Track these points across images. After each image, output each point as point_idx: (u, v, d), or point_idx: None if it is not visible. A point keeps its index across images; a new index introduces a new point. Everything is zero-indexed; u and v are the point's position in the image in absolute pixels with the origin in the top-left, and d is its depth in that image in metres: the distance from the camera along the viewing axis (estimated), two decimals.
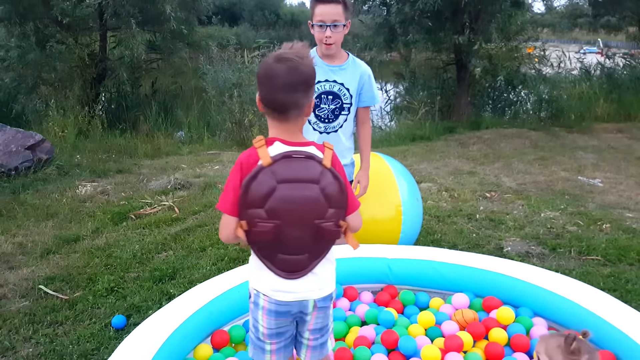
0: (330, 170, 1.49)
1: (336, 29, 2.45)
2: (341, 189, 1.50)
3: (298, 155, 1.46)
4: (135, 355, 1.83)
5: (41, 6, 8.26)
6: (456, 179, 5.45)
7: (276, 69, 1.43)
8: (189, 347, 2.07)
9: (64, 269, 3.21)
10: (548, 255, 3.48)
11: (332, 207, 1.48)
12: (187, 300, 2.20)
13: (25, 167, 5.12)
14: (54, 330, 2.55)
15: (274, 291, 1.52)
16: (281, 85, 1.43)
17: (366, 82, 2.64)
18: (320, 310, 1.58)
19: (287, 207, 1.45)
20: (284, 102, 1.45)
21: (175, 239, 3.69)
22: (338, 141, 2.64)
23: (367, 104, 2.69)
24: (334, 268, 1.61)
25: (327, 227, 1.48)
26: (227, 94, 7.53)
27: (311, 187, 1.46)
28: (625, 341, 2.03)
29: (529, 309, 2.38)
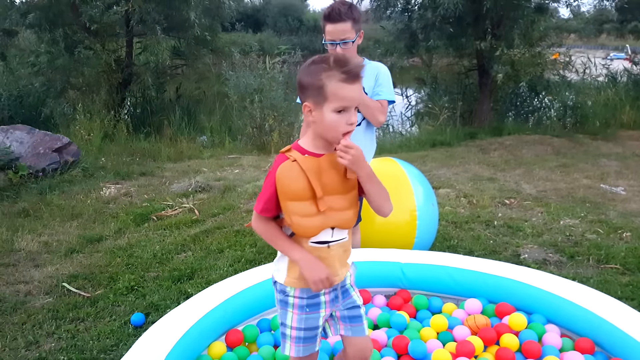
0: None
1: (346, 45, 2.51)
2: None
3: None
4: (152, 351, 1.90)
5: (70, 13, 8.51)
6: (475, 185, 5.42)
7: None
8: (204, 344, 2.12)
9: (87, 268, 3.32)
10: (566, 263, 3.44)
11: None
12: (203, 299, 2.26)
13: (52, 169, 5.29)
14: (76, 326, 2.65)
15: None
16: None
17: (380, 77, 2.66)
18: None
19: None
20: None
21: (195, 240, 3.77)
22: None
23: (380, 97, 2.69)
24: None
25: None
26: (248, 99, 7.62)
27: None
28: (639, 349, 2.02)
29: (542, 315, 2.37)
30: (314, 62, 1.55)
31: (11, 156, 5.09)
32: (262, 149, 7.64)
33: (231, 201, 4.74)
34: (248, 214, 4.42)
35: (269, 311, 2.43)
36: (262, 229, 1.62)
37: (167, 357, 1.87)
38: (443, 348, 2.17)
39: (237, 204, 4.65)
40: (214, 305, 2.20)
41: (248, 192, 5.05)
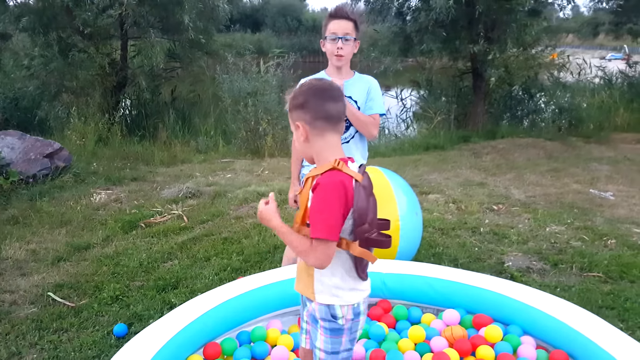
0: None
1: (347, 42, 2.59)
2: None
3: (363, 167, 1.56)
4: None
5: (64, 16, 8.52)
6: (465, 190, 5.44)
7: (318, 85, 1.57)
8: (182, 357, 2.14)
9: (73, 277, 3.34)
10: (549, 271, 3.47)
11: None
12: (183, 312, 2.28)
13: (43, 175, 5.31)
14: (59, 337, 2.66)
15: (364, 290, 1.63)
16: (334, 96, 1.55)
17: (372, 91, 2.74)
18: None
19: (375, 216, 1.56)
20: (340, 112, 1.55)
21: (182, 248, 3.79)
22: (350, 152, 2.73)
23: (372, 112, 2.74)
24: None
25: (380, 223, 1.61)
26: (242, 103, 7.64)
27: (374, 196, 1.56)
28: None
29: (518, 327, 2.40)
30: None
31: (2, 162, 5.11)
32: (256, 153, 7.66)
33: (221, 207, 4.76)
34: (237, 220, 4.44)
35: (249, 323, 2.46)
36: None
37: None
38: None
39: (226, 211, 4.67)
40: (193, 319, 2.22)
41: (238, 198, 5.07)
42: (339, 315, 1.58)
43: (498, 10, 7.58)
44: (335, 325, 1.59)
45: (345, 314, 1.58)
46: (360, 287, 1.61)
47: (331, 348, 1.60)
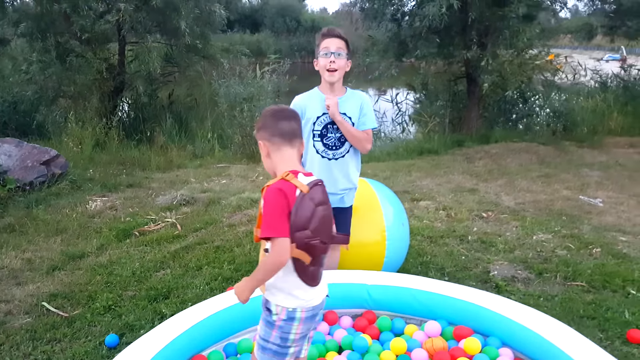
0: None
1: (340, 57, 2.72)
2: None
3: (319, 182, 1.78)
4: None
5: (62, 22, 8.60)
6: (456, 196, 5.52)
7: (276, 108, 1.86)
8: None
9: (67, 286, 3.41)
10: (533, 280, 3.54)
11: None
12: (172, 324, 2.36)
13: (40, 182, 5.38)
14: (52, 347, 2.74)
15: (308, 300, 1.77)
16: (291, 116, 1.82)
17: (364, 107, 2.86)
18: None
19: (324, 225, 1.76)
20: (293, 130, 1.79)
21: (174, 257, 3.87)
22: (346, 166, 2.86)
23: (366, 127, 2.85)
24: None
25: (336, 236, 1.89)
26: (237, 108, 7.72)
27: (327, 207, 1.80)
28: None
29: (497, 339, 2.47)
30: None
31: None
32: (251, 158, 7.74)
33: (214, 215, 4.83)
34: (230, 228, 4.51)
35: (237, 335, 2.53)
36: None
37: None
38: None
39: (219, 218, 4.75)
40: (181, 332, 2.29)
41: (232, 205, 5.15)
42: (273, 312, 1.77)
43: (491, 17, 7.65)
44: (268, 318, 1.79)
45: (279, 313, 1.76)
46: (302, 295, 1.75)
47: (263, 334, 1.81)
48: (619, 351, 2.76)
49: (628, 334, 2.86)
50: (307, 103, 2.83)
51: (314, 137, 2.82)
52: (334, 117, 2.75)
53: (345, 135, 2.79)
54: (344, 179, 2.86)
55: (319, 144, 2.82)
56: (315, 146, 2.82)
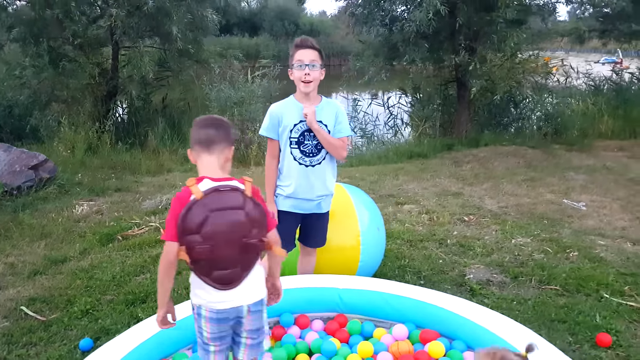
0: (251, 198, 1.84)
1: (314, 68, 2.77)
2: (262, 212, 1.86)
3: (224, 188, 1.81)
4: None
5: (55, 27, 8.66)
6: (440, 200, 5.57)
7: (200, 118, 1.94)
8: None
9: (47, 290, 3.45)
10: (509, 283, 3.59)
11: (255, 228, 1.84)
12: (141, 328, 2.40)
13: (28, 187, 5.43)
14: (27, 351, 2.78)
15: (213, 303, 1.83)
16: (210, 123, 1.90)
17: (339, 116, 2.94)
18: (253, 313, 1.89)
19: (219, 230, 1.78)
20: (210, 137, 1.86)
21: (155, 261, 3.90)
22: (322, 173, 2.92)
23: (341, 135, 2.92)
24: (263, 276, 1.93)
25: (253, 242, 1.84)
26: (228, 112, 7.77)
27: (238, 212, 1.81)
28: None
29: (463, 342, 2.52)
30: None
31: None
32: (242, 161, 7.79)
33: None
34: None
35: None
36: None
37: None
38: None
39: None
40: (148, 337, 2.34)
41: None
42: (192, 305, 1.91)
43: (478, 21, 7.70)
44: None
45: (193, 307, 1.89)
46: (203, 295, 1.83)
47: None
48: (587, 355, 2.80)
49: (597, 337, 2.91)
50: (283, 111, 2.87)
51: (291, 144, 2.87)
52: (311, 125, 2.80)
53: (322, 143, 2.85)
54: (321, 185, 2.92)
55: (296, 151, 2.86)
56: (292, 153, 2.87)
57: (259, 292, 1.90)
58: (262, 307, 1.91)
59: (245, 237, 1.81)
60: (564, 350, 2.71)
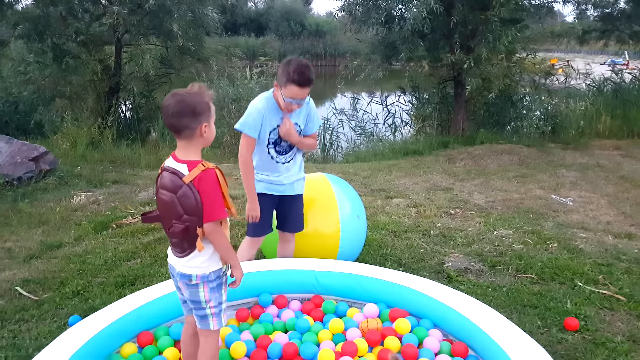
0: (188, 185, 1.88)
1: (302, 101, 2.89)
2: (195, 200, 1.88)
3: (167, 169, 1.94)
4: (65, 348, 2.18)
5: (59, 24, 8.84)
6: (429, 195, 5.68)
7: (167, 102, 1.91)
8: (116, 345, 2.40)
9: (41, 273, 3.61)
10: (486, 272, 3.70)
11: (186, 214, 1.90)
12: (123, 304, 2.55)
13: (28, 177, 5.60)
14: (19, 327, 2.93)
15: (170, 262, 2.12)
16: (172, 113, 1.89)
17: (311, 114, 3.10)
18: (182, 280, 2.05)
19: (159, 206, 2.01)
20: (175, 125, 1.92)
21: (146, 248, 4.06)
22: (294, 164, 3.14)
23: (313, 131, 3.12)
24: (203, 260, 2.00)
25: (177, 227, 1.91)
26: (225, 109, 7.92)
27: (170, 195, 1.92)
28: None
29: (429, 321, 2.64)
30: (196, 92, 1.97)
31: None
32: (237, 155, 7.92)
33: None
34: None
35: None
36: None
37: (76, 354, 2.15)
38: (329, 348, 2.44)
39: None
40: (129, 310, 2.48)
41: None
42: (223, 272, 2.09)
43: (473, 20, 7.80)
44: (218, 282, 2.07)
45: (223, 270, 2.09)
46: (170, 258, 2.10)
47: None
48: (554, 337, 2.91)
49: (565, 321, 3.02)
50: (266, 112, 2.95)
51: (269, 143, 3.01)
52: (290, 140, 2.97)
53: (297, 146, 3.04)
54: (295, 172, 3.12)
55: (273, 150, 3.03)
56: (269, 152, 3.02)
57: (189, 269, 2.00)
58: (189, 282, 2.02)
59: (175, 220, 1.91)
60: (531, 333, 2.85)
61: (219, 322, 2.08)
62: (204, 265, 2.00)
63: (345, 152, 9.64)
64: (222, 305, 2.08)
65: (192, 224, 1.90)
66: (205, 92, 1.98)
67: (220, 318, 2.08)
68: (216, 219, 1.91)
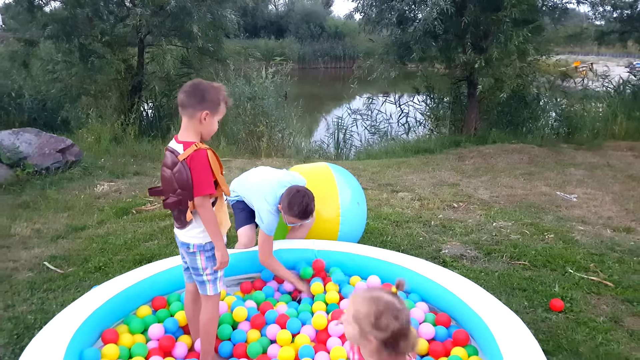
0: (181, 162, 2.14)
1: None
2: (187, 176, 2.14)
3: (168, 149, 2.23)
4: (84, 308, 2.46)
5: (85, 25, 9.27)
6: (435, 189, 5.86)
7: (189, 82, 2.25)
8: (133, 307, 2.68)
9: (67, 251, 3.92)
10: (481, 258, 3.89)
11: (180, 188, 2.17)
12: (138, 272, 2.83)
13: (55, 167, 5.96)
14: (47, 295, 3.24)
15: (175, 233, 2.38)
16: (184, 90, 2.18)
17: None
18: (182, 248, 2.33)
19: (162, 181, 2.29)
20: (182, 100, 2.18)
21: (163, 231, 4.35)
22: None
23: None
24: (199, 231, 2.26)
25: (171, 199, 2.21)
26: (241, 107, 8.22)
27: (167, 171, 2.22)
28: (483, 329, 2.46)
29: (417, 294, 2.86)
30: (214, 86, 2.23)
31: (20, 155, 5.78)
32: (254, 153, 8.23)
33: None
34: None
35: None
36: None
37: (98, 310, 2.44)
38: (323, 315, 2.68)
39: None
40: (145, 277, 2.76)
41: None
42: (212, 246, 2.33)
43: (485, 21, 7.96)
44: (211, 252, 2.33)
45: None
46: (175, 229, 2.36)
47: None
48: (539, 316, 3.10)
49: (551, 303, 3.20)
50: None
51: None
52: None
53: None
54: None
55: None
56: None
57: (188, 238, 2.28)
58: (189, 250, 2.30)
59: (171, 193, 2.20)
60: (517, 312, 3.03)
61: (214, 289, 2.33)
62: (200, 236, 2.27)
63: (358, 151, 9.86)
64: (218, 273, 2.33)
65: (184, 197, 2.17)
66: (222, 91, 2.24)
67: (215, 285, 2.33)
68: (204, 194, 2.16)
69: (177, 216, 2.27)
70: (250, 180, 3.34)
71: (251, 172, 3.47)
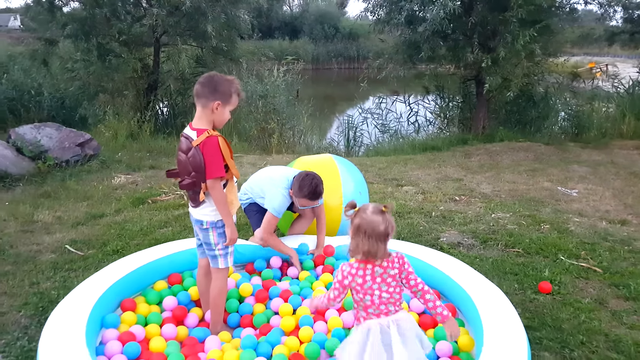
0: (195, 148, 2.36)
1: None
2: (200, 161, 2.37)
3: (183, 135, 2.46)
4: (104, 281, 2.71)
5: (103, 25, 9.61)
6: (439, 184, 6.04)
7: (205, 74, 2.51)
8: (150, 281, 2.93)
9: (86, 236, 4.19)
10: (477, 246, 4.07)
11: (194, 171, 2.39)
12: (156, 250, 3.07)
13: (75, 160, 6.26)
14: (69, 274, 3.50)
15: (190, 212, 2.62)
16: (199, 81, 2.45)
17: None
18: (196, 225, 2.56)
19: (178, 164, 2.52)
20: (197, 90, 2.44)
21: (177, 219, 4.60)
22: None
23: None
24: (211, 210, 2.50)
25: (186, 181, 2.44)
26: (253, 105, 8.46)
27: (183, 155, 2.46)
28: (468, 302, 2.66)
29: None
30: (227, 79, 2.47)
31: (41, 149, 6.09)
32: (265, 150, 8.47)
33: None
34: None
35: None
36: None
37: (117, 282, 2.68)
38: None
39: None
40: (162, 255, 3.00)
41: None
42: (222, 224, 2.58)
43: (492, 20, 8.10)
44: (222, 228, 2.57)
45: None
46: (189, 208, 2.60)
47: None
48: (527, 297, 3.29)
49: (539, 285, 3.38)
50: None
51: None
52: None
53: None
54: None
55: None
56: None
57: (201, 216, 2.53)
58: (202, 227, 2.53)
59: (186, 176, 2.43)
60: (507, 294, 3.21)
61: (225, 262, 2.57)
62: (212, 214, 2.51)
63: (368, 148, 10.06)
64: (229, 248, 2.57)
65: (197, 179, 2.41)
66: (235, 84, 2.47)
67: (226, 259, 2.58)
68: (215, 177, 2.40)
69: (191, 196, 2.50)
70: (260, 176, 3.63)
71: (260, 171, 3.73)
